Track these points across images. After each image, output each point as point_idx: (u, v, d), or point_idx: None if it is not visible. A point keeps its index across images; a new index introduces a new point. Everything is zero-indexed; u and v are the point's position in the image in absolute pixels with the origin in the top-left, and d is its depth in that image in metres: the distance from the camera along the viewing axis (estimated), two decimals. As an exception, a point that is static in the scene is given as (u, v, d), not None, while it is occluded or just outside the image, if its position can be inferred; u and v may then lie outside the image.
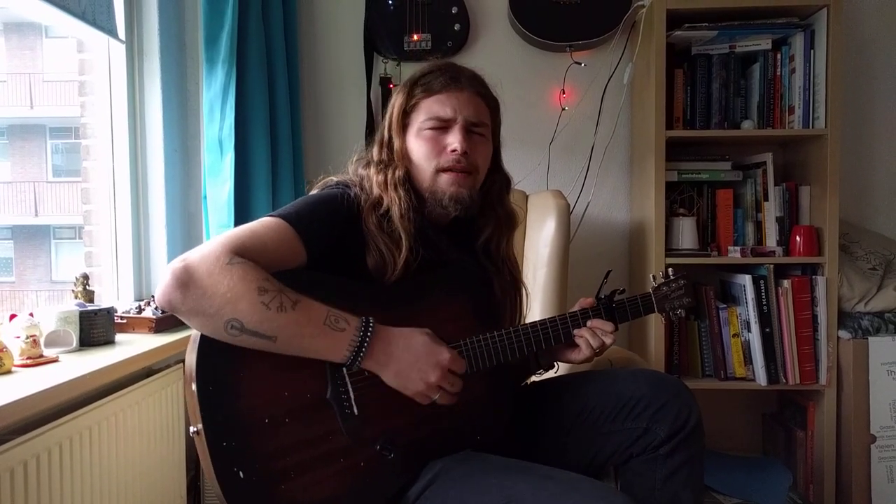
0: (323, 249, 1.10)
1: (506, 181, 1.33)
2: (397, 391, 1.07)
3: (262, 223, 1.08)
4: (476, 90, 1.22)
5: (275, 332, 0.98)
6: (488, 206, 1.28)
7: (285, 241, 1.06)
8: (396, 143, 1.21)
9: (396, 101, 1.23)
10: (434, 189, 1.20)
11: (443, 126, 1.19)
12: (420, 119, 1.20)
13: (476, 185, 1.23)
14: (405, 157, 1.21)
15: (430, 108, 1.19)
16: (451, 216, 1.23)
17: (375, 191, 1.18)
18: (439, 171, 1.19)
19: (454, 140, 1.18)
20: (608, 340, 1.21)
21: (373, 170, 1.21)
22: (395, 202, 1.16)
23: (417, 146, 1.20)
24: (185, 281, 0.97)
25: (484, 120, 1.23)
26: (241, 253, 1.00)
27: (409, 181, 1.20)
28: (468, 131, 1.20)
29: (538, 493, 0.99)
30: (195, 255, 0.99)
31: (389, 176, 1.18)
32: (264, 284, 0.99)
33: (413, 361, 1.06)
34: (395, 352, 1.05)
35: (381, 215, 1.16)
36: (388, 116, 1.24)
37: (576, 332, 1.22)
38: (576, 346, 1.23)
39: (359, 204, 1.16)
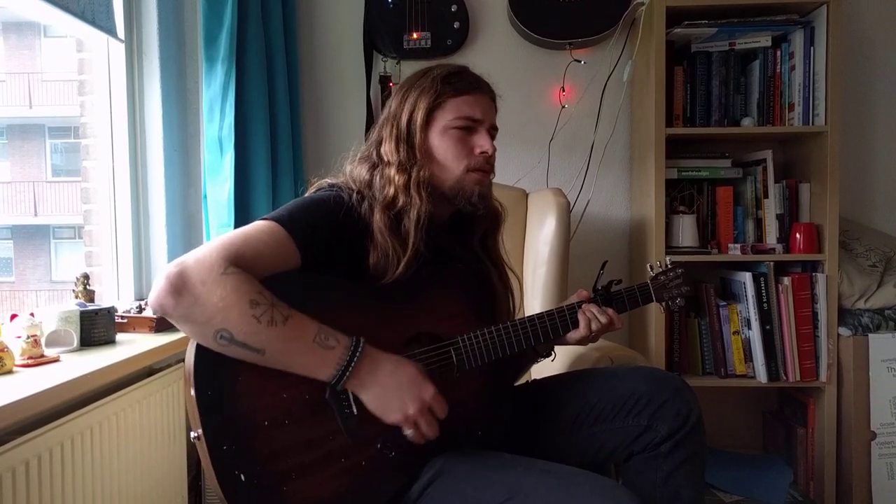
0: (317, 252, 1.09)
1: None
2: None
3: (256, 227, 1.07)
4: (492, 97, 1.27)
5: (263, 346, 0.98)
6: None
7: (280, 246, 1.06)
8: (418, 141, 1.20)
9: (422, 99, 1.21)
10: (462, 187, 1.22)
11: (470, 126, 1.22)
12: (448, 117, 1.21)
13: (491, 184, 1.29)
14: (427, 155, 1.21)
15: (459, 108, 1.21)
16: (449, 213, 1.26)
17: (391, 191, 1.17)
18: (469, 170, 1.22)
19: (485, 142, 1.22)
20: (604, 320, 1.24)
21: (393, 171, 1.19)
22: (416, 205, 1.16)
23: (444, 145, 1.21)
24: (179, 287, 0.96)
25: (497, 125, 1.29)
26: (237, 261, 0.99)
27: (430, 183, 1.20)
28: (489, 134, 1.25)
29: (539, 487, 0.99)
30: (190, 261, 0.99)
31: (414, 176, 1.18)
32: (257, 297, 0.98)
33: (396, 388, 1.04)
34: (380, 376, 1.04)
35: (393, 216, 1.15)
36: (407, 113, 1.21)
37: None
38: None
39: (352, 206, 1.15)
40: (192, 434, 1.00)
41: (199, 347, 1.00)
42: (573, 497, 0.96)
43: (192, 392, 0.98)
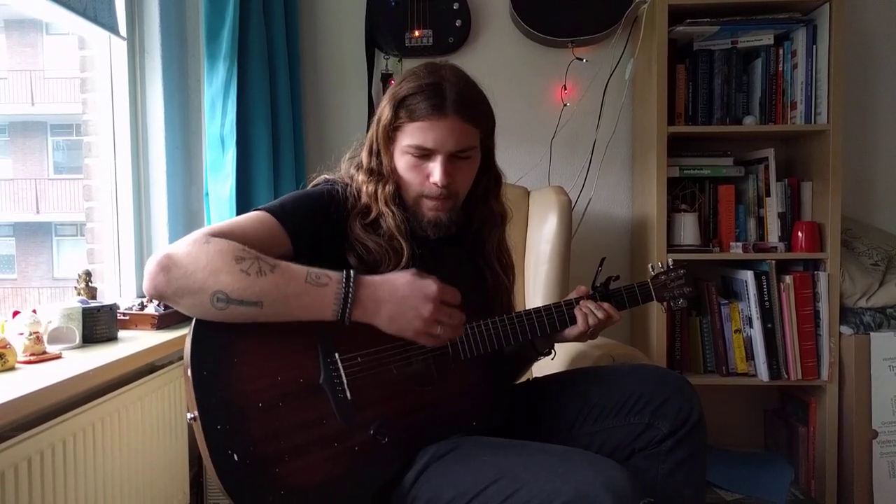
0: (308, 242, 1.11)
1: (495, 179, 1.31)
2: (390, 379, 1.10)
3: (246, 216, 1.12)
4: (461, 115, 1.15)
5: (259, 297, 0.99)
6: (475, 204, 1.28)
7: (268, 232, 1.09)
8: (385, 158, 1.20)
9: (382, 115, 1.19)
10: (415, 211, 1.20)
11: (425, 154, 1.17)
12: (404, 142, 1.17)
13: (457, 205, 1.23)
14: (394, 171, 1.20)
15: (412, 135, 1.16)
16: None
17: (364, 199, 1.19)
18: (421, 197, 1.19)
19: (435, 173, 1.16)
20: (600, 315, 1.24)
21: (362, 176, 1.21)
22: (388, 216, 1.17)
23: (402, 166, 1.19)
24: (167, 265, 1.00)
25: (469, 144, 1.18)
26: (220, 236, 1.03)
27: (398, 195, 1.20)
28: (451, 157, 1.17)
29: (530, 465, 1.00)
30: (175, 244, 1.04)
31: (380, 190, 1.19)
32: (240, 253, 1.01)
33: (402, 300, 1.04)
34: (382, 296, 1.04)
35: (367, 224, 1.17)
36: (375, 126, 1.22)
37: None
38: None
39: (346, 201, 1.17)
40: (189, 415, 1.02)
41: (195, 329, 1.02)
42: (561, 470, 0.97)
43: (189, 372, 1.00)
